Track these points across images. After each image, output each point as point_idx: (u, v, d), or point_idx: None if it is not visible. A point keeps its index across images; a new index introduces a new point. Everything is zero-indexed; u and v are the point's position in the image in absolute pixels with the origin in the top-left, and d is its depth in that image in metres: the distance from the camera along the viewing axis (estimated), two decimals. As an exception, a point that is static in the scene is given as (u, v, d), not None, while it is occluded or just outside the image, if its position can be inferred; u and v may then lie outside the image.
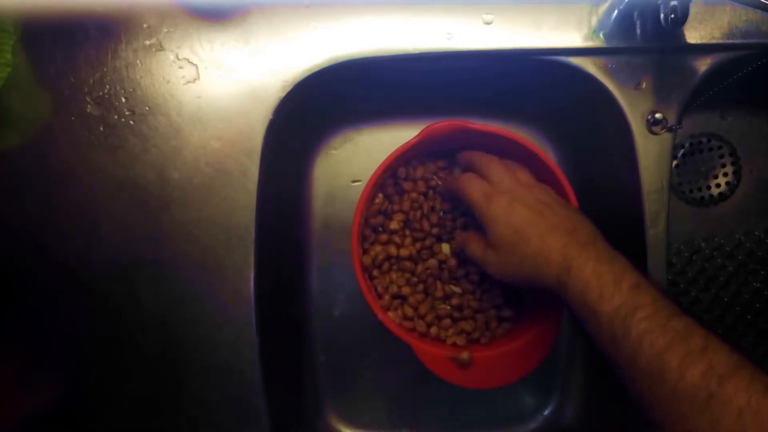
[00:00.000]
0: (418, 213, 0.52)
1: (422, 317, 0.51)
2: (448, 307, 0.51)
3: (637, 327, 0.35)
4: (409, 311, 0.51)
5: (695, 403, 0.32)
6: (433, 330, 0.50)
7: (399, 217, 0.52)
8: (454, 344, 0.50)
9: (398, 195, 0.53)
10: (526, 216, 0.42)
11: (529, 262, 0.41)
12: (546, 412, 0.60)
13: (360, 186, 0.60)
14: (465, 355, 0.45)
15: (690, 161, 0.64)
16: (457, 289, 0.52)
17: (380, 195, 0.53)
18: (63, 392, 0.47)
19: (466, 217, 0.53)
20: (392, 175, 0.53)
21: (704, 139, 0.64)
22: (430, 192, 0.54)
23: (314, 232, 0.60)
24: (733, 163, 0.64)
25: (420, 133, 0.48)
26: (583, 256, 0.39)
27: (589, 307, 0.37)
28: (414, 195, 0.53)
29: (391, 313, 0.51)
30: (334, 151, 0.61)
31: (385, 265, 0.52)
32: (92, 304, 0.47)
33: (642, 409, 0.35)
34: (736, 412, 0.31)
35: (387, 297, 0.51)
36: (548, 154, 0.61)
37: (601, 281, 0.37)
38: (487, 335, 0.51)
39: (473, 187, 0.46)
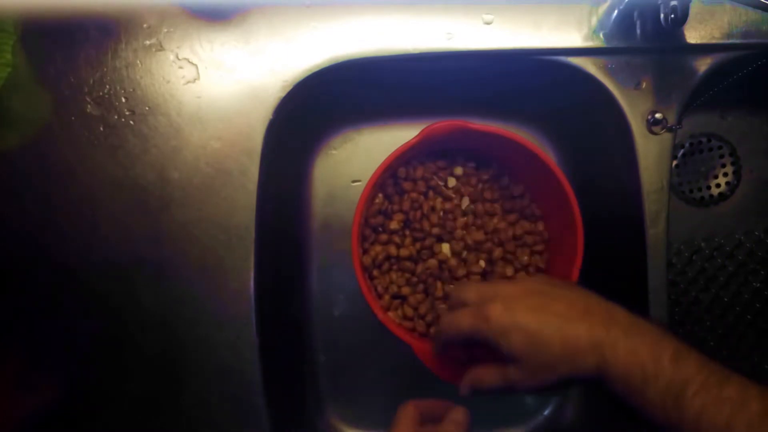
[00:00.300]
0: (418, 213, 0.52)
1: (422, 317, 0.51)
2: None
3: (692, 405, 0.33)
4: (409, 311, 0.51)
5: None
6: (433, 330, 0.50)
7: (399, 217, 0.52)
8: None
9: (398, 195, 0.53)
10: (531, 316, 0.37)
11: (561, 363, 0.37)
12: (546, 412, 0.60)
13: (360, 186, 0.60)
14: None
15: (690, 161, 0.64)
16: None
17: (380, 195, 0.53)
18: (63, 392, 0.47)
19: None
20: (392, 175, 0.53)
21: (704, 139, 0.64)
22: (430, 192, 0.54)
23: (314, 232, 0.60)
24: (733, 163, 0.64)
25: (420, 133, 0.48)
26: (612, 336, 0.35)
27: (636, 393, 0.35)
28: (414, 195, 0.53)
29: (391, 313, 0.51)
30: (334, 151, 0.61)
31: (385, 265, 0.52)
32: (92, 304, 0.47)
33: None
34: None
35: (387, 297, 0.51)
36: (548, 154, 0.61)
37: (640, 360, 0.35)
38: None
39: (459, 320, 0.40)
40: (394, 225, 0.52)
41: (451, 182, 0.54)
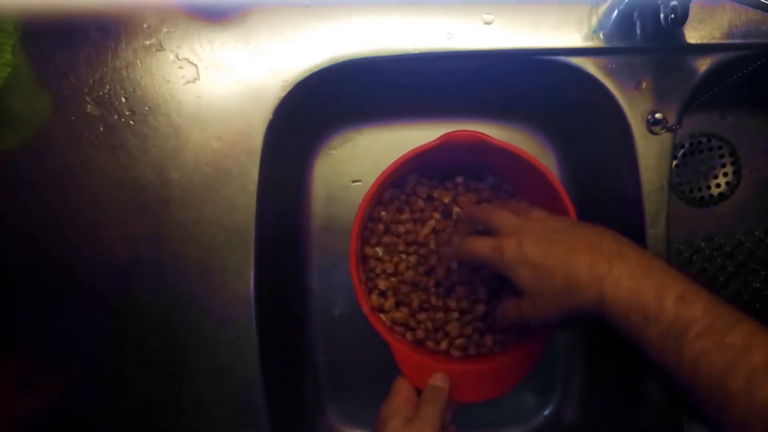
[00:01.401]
0: (419, 225, 0.52)
1: (412, 329, 0.50)
2: (442, 317, 0.51)
3: (692, 349, 0.32)
4: (405, 319, 0.50)
5: None
6: (430, 344, 0.50)
7: (404, 226, 0.52)
8: (448, 353, 0.50)
9: (401, 202, 0.53)
10: (540, 250, 0.38)
11: (562, 297, 0.37)
12: (546, 412, 0.60)
13: (360, 186, 0.60)
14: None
15: (690, 161, 0.64)
16: (454, 304, 0.50)
17: (385, 196, 0.52)
18: (63, 392, 0.47)
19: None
20: (396, 182, 0.53)
21: (704, 139, 0.64)
22: (430, 205, 0.53)
23: (314, 232, 0.60)
24: (733, 163, 0.64)
25: (440, 137, 0.47)
26: (615, 272, 0.35)
27: (635, 332, 0.34)
28: (419, 203, 0.53)
29: (384, 316, 0.50)
30: (334, 151, 0.61)
31: (385, 273, 0.52)
32: (92, 304, 0.47)
33: (710, 428, 0.33)
34: None
35: (388, 301, 0.51)
36: (548, 154, 0.61)
37: (642, 300, 0.34)
38: (481, 350, 0.50)
39: (479, 247, 0.42)
40: (398, 230, 0.52)
41: (446, 197, 0.53)
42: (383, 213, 0.52)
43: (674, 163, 0.62)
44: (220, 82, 0.48)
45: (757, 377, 0.30)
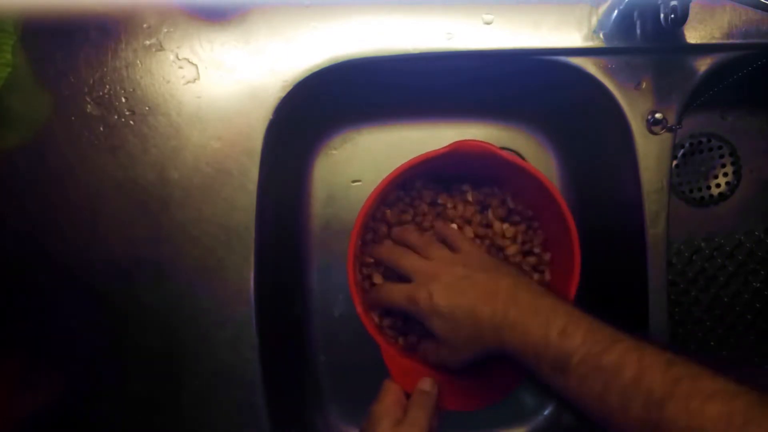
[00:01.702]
0: (419, 224, 0.52)
1: (405, 334, 0.50)
2: None
3: (575, 375, 0.35)
4: (396, 323, 0.50)
5: None
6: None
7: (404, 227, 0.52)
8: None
9: (405, 204, 0.53)
10: (448, 302, 0.42)
11: (473, 343, 0.41)
12: (546, 412, 0.60)
13: (360, 186, 0.60)
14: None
15: (690, 161, 0.64)
16: None
17: (389, 198, 0.52)
18: (63, 392, 0.47)
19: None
20: (400, 185, 0.53)
21: (704, 139, 0.64)
22: (440, 208, 0.53)
23: (314, 232, 0.60)
24: (733, 163, 0.64)
25: (449, 145, 0.47)
26: (510, 318, 0.39)
27: (533, 367, 0.37)
28: (423, 207, 0.53)
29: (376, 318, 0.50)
30: (334, 151, 0.61)
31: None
32: (92, 304, 0.47)
33: None
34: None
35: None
36: (548, 155, 0.61)
37: (532, 340, 0.37)
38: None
39: (395, 296, 0.46)
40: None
41: (455, 206, 0.53)
42: (387, 212, 0.52)
43: (674, 163, 0.62)
44: (220, 82, 0.48)
45: (628, 394, 0.33)
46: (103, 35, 0.48)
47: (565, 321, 0.37)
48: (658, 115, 0.50)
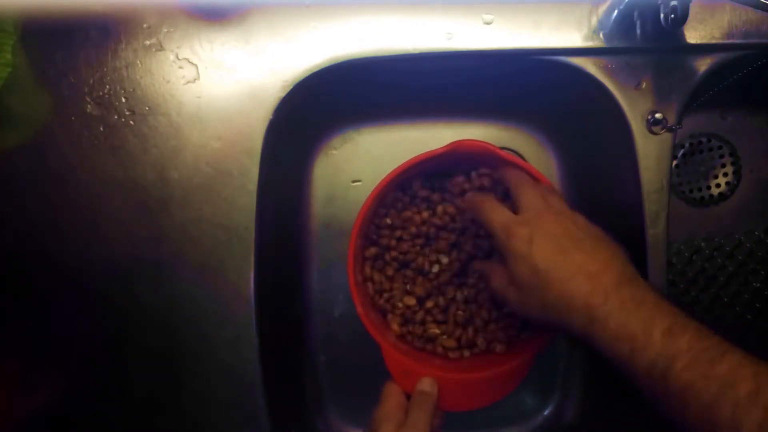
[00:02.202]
0: (421, 228, 0.52)
1: (414, 332, 0.50)
2: (439, 327, 0.51)
3: (679, 380, 0.33)
4: (402, 322, 0.50)
5: None
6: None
7: (406, 231, 0.52)
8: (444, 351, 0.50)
9: (404, 204, 0.53)
10: (547, 255, 0.38)
11: (551, 308, 0.38)
12: (546, 412, 0.60)
13: (360, 186, 0.60)
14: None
15: (690, 161, 0.64)
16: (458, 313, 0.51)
17: (388, 198, 0.52)
18: (63, 392, 0.47)
19: (488, 240, 0.50)
20: (399, 185, 0.53)
21: (704, 139, 0.64)
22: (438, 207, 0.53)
23: (314, 232, 0.60)
24: (733, 163, 0.64)
25: (449, 145, 0.47)
26: (608, 305, 0.36)
27: (622, 361, 0.35)
28: (421, 206, 0.53)
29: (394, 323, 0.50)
30: (334, 151, 0.61)
31: (384, 275, 0.52)
32: (92, 304, 0.47)
33: None
34: None
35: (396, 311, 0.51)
36: (548, 155, 0.61)
37: (630, 332, 0.35)
38: (474, 350, 0.50)
39: (494, 216, 0.42)
40: (397, 234, 0.52)
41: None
42: (386, 214, 0.52)
43: (674, 163, 0.62)
44: (220, 82, 0.48)
45: (742, 408, 0.31)
46: (103, 35, 0.48)
47: (671, 321, 0.35)
48: (658, 115, 0.50)
